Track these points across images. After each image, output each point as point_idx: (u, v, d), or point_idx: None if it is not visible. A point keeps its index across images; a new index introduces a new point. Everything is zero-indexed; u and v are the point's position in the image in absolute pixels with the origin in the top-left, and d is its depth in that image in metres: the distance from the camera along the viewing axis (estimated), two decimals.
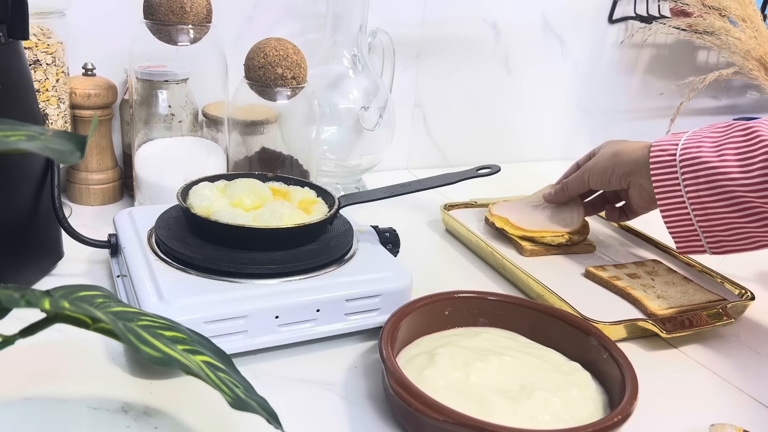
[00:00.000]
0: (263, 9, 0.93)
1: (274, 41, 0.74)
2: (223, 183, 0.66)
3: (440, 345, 0.55)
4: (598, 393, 0.51)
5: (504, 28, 1.09)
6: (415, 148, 1.12)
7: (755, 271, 0.81)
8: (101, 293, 0.41)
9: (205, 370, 0.37)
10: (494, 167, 0.72)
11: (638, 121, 1.29)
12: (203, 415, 0.48)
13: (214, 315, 0.52)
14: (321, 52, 0.89)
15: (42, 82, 0.74)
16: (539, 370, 0.53)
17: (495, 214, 0.82)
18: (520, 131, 1.19)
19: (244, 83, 0.75)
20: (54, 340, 0.49)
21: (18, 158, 0.59)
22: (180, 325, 0.42)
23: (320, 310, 0.56)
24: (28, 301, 0.32)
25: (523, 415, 0.47)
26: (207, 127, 0.85)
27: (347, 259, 0.61)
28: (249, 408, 0.37)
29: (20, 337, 0.36)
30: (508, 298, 0.60)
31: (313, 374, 0.54)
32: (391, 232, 0.69)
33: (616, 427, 0.45)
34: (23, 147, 0.34)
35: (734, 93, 1.36)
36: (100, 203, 0.85)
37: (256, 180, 0.67)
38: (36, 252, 0.63)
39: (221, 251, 0.58)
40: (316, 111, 0.79)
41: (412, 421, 0.47)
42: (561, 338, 0.56)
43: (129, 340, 0.34)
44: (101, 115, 0.83)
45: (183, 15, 0.71)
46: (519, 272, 0.71)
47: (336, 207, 0.64)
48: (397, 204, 0.81)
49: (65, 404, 0.48)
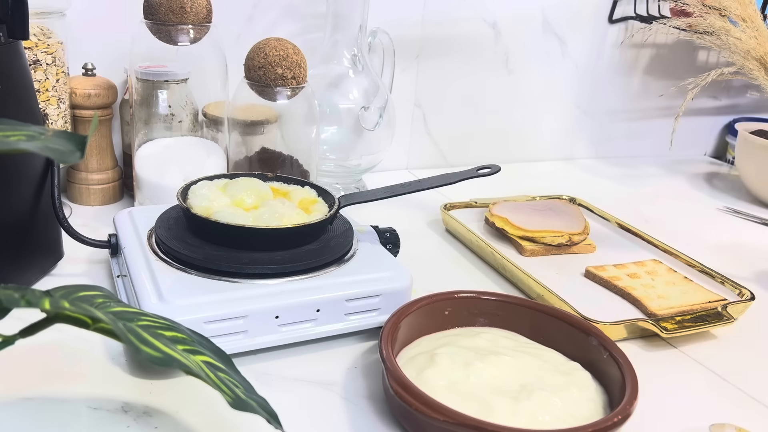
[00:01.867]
0: (263, 9, 0.93)
1: (274, 41, 0.74)
2: (223, 182, 0.66)
3: (440, 345, 0.55)
4: (598, 393, 0.51)
5: (504, 28, 1.09)
6: (415, 148, 1.12)
7: (755, 271, 0.81)
8: (101, 293, 0.41)
9: (205, 370, 0.37)
10: (494, 167, 0.72)
11: (638, 121, 1.29)
12: (203, 415, 0.48)
13: (214, 315, 0.52)
14: (321, 52, 0.89)
15: (42, 82, 0.74)
16: (539, 370, 0.53)
17: (495, 214, 0.82)
18: (520, 131, 1.19)
19: (244, 83, 0.75)
20: (54, 340, 0.49)
21: (18, 158, 0.58)
22: (180, 325, 0.42)
23: (320, 310, 0.56)
24: (28, 301, 0.32)
25: (523, 415, 0.47)
26: (207, 127, 0.85)
27: (347, 259, 0.61)
28: (249, 408, 0.37)
29: (20, 337, 0.36)
30: (508, 298, 0.60)
31: (313, 374, 0.54)
32: (391, 232, 0.69)
33: (616, 427, 0.45)
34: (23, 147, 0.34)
35: (734, 93, 1.36)
36: (100, 203, 0.85)
37: (256, 179, 0.67)
38: (36, 252, 0.63)
39: (221, 251, 0.58)
40: (316, 111, 0.79)
41: (412, 421, 0.47)
42: (561, 338, 0.56)
43: (129, 340, 0.34)
44: (101, 115, 0.83)
45: (183, 15, 0.71)
46: (519, 272, 0.71)
47: (336, 207, 0.65)
48: (397, 204, 0.81)
49: (65, 404, 0.48)
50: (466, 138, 1.14)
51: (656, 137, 1.31)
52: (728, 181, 1.22)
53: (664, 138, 1.29)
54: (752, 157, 1.10)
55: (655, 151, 1.32)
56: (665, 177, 1.21)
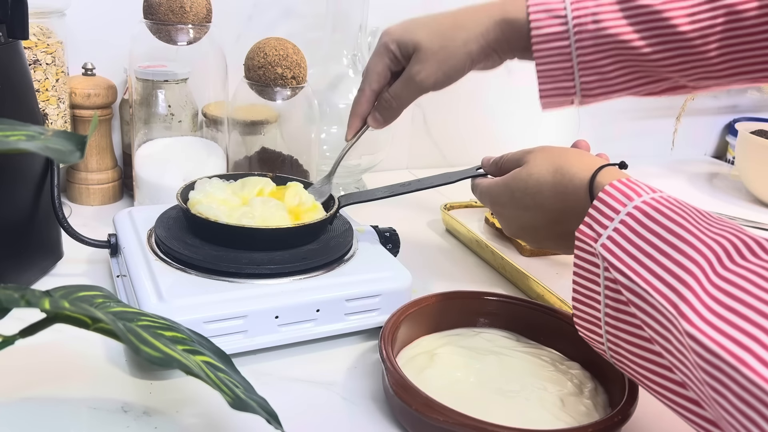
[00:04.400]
0: (263, 9, 0.93)
1: (274, 41, 0.74)
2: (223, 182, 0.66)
3: (440, 345, 0.55)
4: (598, 393, 0.51)
5: None
6: (415, 148, 1.11)
7: None
8: (101, 293, 0.41)
9: (205, 370, 0.37)
10: None
11: (638, 121, 1.29)
12: (203, 415, 0.48)
13: (214, 315, 0.52)
14: (321, 52, 0.89)
15: (42, 81, 0.74)
16: (539, 370, 0.53)
17: None
18: (520, 131, 1.19)
19: (244, 83, 0.75)
20: (54, 340, 0.49)
21: (18, 158, 0.58)
22: (180, 325, 0.42)
23: (320, 310, 0.56)
24: (28, 301, 0.32)
25: (523, 415, 0.47)
26: (207, 127, 0.85)
27: (347, 259, 0.61)
28: (249, 408, 0.37)
29: (20, 337, 0.36)
30: (508, 298, 0.60)
31: (313, 374, 0.54)
32: (391, 232, 0.69)
33: (616, 427, 0.45)
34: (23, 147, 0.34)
35: (734, 93, 1.36)
36: (100, 203, 0.85)
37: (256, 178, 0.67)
38: (36, 252, 0.63)
39: (221, 251, 0.58)
40: (316, 111, 0.79)
41: (412, 421, 0.47)
42: (561, 338, 0.56)
43: (129, 340, 0.34)
44: (101, 115, 0.83)
45: (183, 15, 0.71)
46: (519, 272, 0.71)
47: (336, 207, 0.64)
48: (397, 204, 0.81)
49: (65, 404, 0.48)
50: (466, 138, 1.14)
51: (656, 137, 1.31)
52: (728, 181, 1.22)
53: (665, 138, 1.29)
54: (752, 157, 1.10)
55: (656, 151, 1.32)
56: (666, 177, 1.21)
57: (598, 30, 0.56)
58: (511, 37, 0.59)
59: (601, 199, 0.44)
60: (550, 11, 0.57)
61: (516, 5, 0.58)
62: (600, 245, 0.42)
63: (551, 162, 0.52)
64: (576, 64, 0.58)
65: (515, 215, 0.55)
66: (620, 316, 0.42)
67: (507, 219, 0.56)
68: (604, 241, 0.42)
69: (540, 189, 0.52)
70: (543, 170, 0.52)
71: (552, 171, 0.51)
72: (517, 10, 0.58)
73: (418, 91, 0.63)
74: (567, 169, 0.50)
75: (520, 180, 0.53)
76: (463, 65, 0.61)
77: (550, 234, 0.54)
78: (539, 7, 0.57)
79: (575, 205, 0.49)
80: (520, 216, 0.54)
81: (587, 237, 0.44)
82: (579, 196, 0.48)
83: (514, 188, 0.54)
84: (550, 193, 0.51)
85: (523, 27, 0.58)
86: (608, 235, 0.42)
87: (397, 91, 0.63)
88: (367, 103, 0.64)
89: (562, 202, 0.50)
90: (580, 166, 0.50)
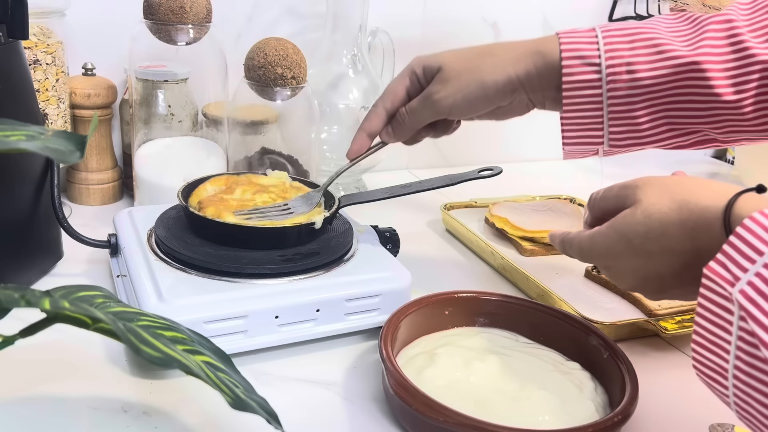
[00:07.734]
0: (263, 9, 0.93)
1: (274, 41, 0.74)
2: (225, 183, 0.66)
3: (440, 345, 0.55)
4: (598, 393, 0.51)
5: (504, 28, 1.09)
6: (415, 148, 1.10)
7: None
8: (101, 293, 0.41)
9: (205, 370, 0.37)
10: (496, 169, 0.71)
11: None
12: (203, 415, 0.48)
13: (214, 315, 0.52)
14: (321, 52, 0.89)
15: (42, 81, 0.74)
16: (539, 370, 0.53)
17: (495, 214, 0.82)
18: (519, 131, 1.19)
19: (244, 83, 0.75)
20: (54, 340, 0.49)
21: (18, 158, 0.58)
22: (180, 325, 0.42)
23: (320, 310, 0.56)
24: (28, 301, 0.32)
25: (523, 415, 0.47)
26: (207, 127, 0.85)
27: (347, 259, 0.61)
28: (249, 408, 0.37)
29: (20, 337, 0.36)
30: (508, 298, 0.60)
31: (313, 374, 0.54)
32: (391, 232, 0.69)
33: (616, 427, 0.45)
34: (23, 147, 0.34)
35: None
36: (100, 203, 0.85)
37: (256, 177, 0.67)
38: (36, 252, 0.63)
39: (221, 251, 0.58)
40: (316, 111, 0.79)
41: (412, 421, 0.47)
42: (561, 338, 0.56)
43: (129, 340, 0.34)
44: (101, 115, 0.83)
45: (183, 15, 0.71)
46: (519, 272, 0.71)
47: (336, 207, 0.64)
48: (397, 204, 0.81)
49: (65, 404, 0.48)
50: (466, 138, 1.14)
51: None
52: (728, 181, 1.22)
53: None
54: (752, 157, 1.10)
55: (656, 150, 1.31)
56: None
57: (632, 81, 0.54)
58: (543, 70, 0.56)
59: (739, 235, 0.37)
60: (583, 58, 0.55)
61: (550, 45, 0.56)
62: (738, 291, 0.36)
63: (671, 196, 0.44)
64: (606, 114, 0.56)
65: (635, 266, 0.46)
66: (755, 373, 0.36)
67: (623, 272, 0.48)
68: (744, 287, 0.36)
69: (665, 231, 0.44)
70: (664, 207, 0.44)
71: (676, 208, 0.43)
72: (550, 50, 0.56)
73: (434, 112, 0.60)
74: (695, 203, 0.42)
75: (636, 223, 0.45)
76: (486, 93, 0.58)
77: (678, 281, 0.46)
78: (572, 53, 0.55)
79: (709, 243, 0.41)
80: (642, 266, 0.46)
81: (720, 278, 0.37)
82: (713, 231, 0.41)
83: (631, 235, 0.45)
84: (678, 233, 0.43)
85: (556, 63, 0.56)
86: (749, 280, 0.36)
87: (413, 107, 0.61)
88: (377, 120, 0.62)
89: (692, 241, 0.43)
90: (710, 195, 0.42)
